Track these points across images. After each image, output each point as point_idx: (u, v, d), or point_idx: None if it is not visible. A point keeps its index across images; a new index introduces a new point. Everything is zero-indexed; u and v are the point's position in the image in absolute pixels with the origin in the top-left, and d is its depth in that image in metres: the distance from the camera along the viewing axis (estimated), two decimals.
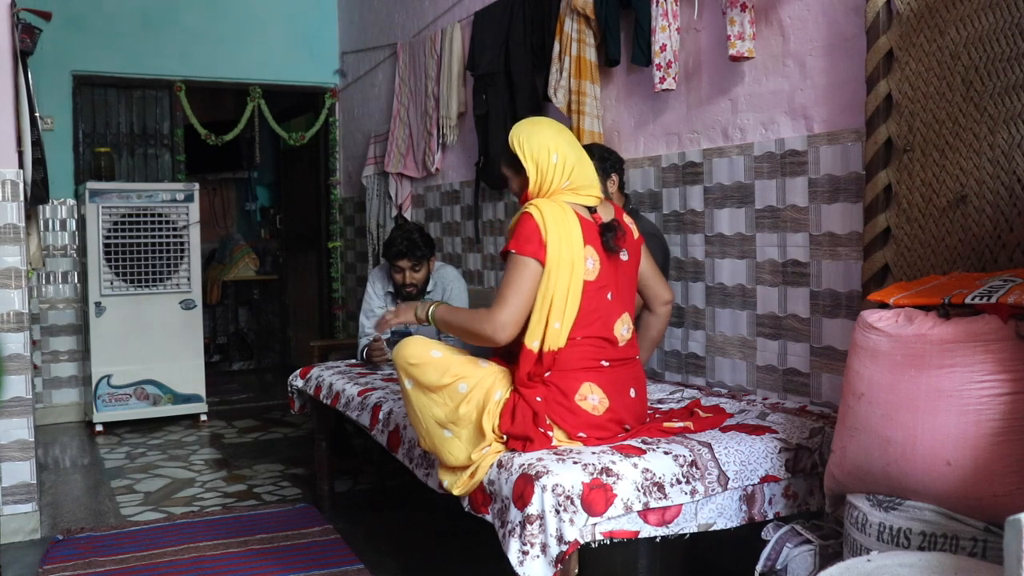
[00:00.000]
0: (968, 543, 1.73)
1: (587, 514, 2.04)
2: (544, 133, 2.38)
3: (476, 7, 4.44)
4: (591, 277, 2.27)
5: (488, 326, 2.23)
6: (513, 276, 2.23)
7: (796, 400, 2.77)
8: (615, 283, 2.34)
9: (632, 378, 2.38)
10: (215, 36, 6.14)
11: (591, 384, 2.28)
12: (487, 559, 2.53)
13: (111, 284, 5.36)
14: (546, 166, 2.33)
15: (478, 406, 2.25)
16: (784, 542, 2.12)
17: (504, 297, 2.23)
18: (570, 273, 2.23)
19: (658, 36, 3.09)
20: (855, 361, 1.95)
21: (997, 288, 1.77)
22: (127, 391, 5.39)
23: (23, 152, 3.51)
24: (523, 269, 2.22)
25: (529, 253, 2.22)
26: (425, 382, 2.29)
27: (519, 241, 2.24)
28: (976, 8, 2.08)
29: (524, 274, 2.22)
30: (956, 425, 1.75)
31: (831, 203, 2.64)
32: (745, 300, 2.98)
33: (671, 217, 3.30)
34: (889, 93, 2.32)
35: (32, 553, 3.29)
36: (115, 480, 4.29)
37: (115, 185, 5.44)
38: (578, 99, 3.51)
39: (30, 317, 3.52)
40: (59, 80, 5.68)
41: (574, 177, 2.34)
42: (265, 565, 3.09)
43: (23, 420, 3.45)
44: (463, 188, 4.80)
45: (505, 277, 2.25)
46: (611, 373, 2.32)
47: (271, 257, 8.12)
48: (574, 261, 2.23)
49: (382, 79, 5.76)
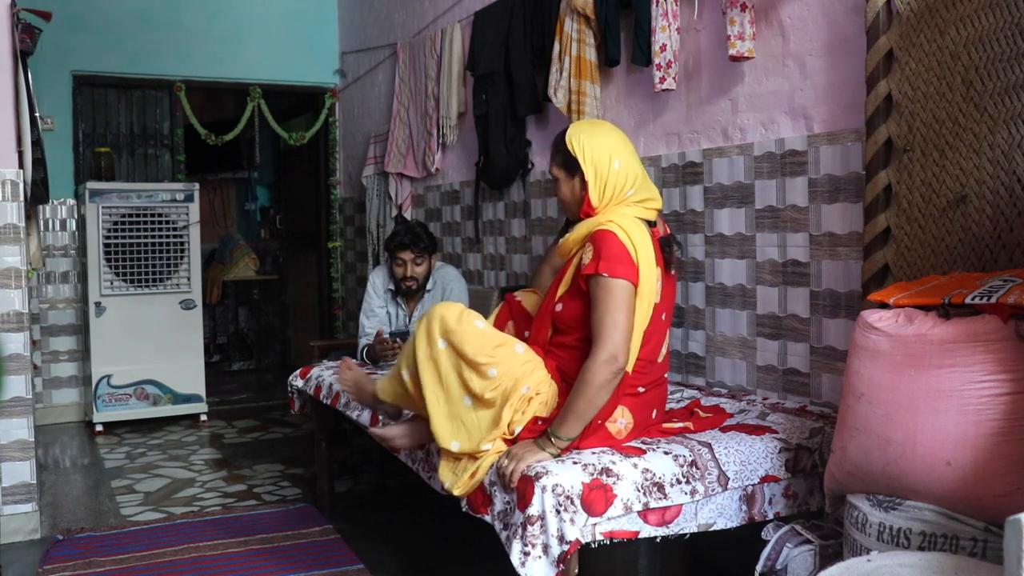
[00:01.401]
0: (968, 543, 1.73)
1: (587, 514, 2.04)
2: (607, 136, 2.30)
3: (476, 7, 4.44)
4: (658, 299, 2.23)
5: (604, 369, 2.09)
6: (608, 300, 2.11)
7: (796, 400, 2.77)
8: (670, 303, 2.30)
9: (658, 400, 2.36)
10: (215, 36, 6.14)
11: (623, 408, 2.25)
12: (487, 559, 2.53)
13: (111, 284, 5.36)
14: (606, 171, 2.25)
15: (504, 394, 2.18)
16: (784, 542, 2.12)
17: (605, 324, 2.11)
18: (649, 294, 2.18)
19: (658, 36, 3.09)
20: (855, 361, 1.95)
21: (997, 288, 1.77)
22: (127, 391, 5.39)
23: (23, 152, 3.51)
24: (621, 292, 2.12)
25: (622, 275, 2.12)
26: (463, 351, 2.20)
27: (610, 262, 2.12)
28: (976, 8, 2.08)
29: (621, 296, 2.12)
30: (956, 425, 1.75)
31: (831, 203, 2.64)
32: (745, 300, 2.98)
33: (671, 217, 3.29)
34: (889, 93, 2.32)
35: (32, 553, 3.29)
36: (115, 480, 4.29)
37: (115, 185, 5.44)
38: (578, 99, 3.51)
39: (30, 317, 3.52)
40: (59, 80, 5.68)
41: (639, 187, 2.26)
42: (265, 565, 3.09)
43: (23, 420, 3.45)
44: (463, 188, 4.80)
45: (601, 304, 2.12)
46: (644, 397, 2.30)
47: (271, 257, 8.12)
48: (652, 282, 2.18)
49: (382, 79, 5.76)
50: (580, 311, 2.25)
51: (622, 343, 2.11)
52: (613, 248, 2.15)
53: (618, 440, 2.25)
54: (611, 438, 2.24)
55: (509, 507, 2.10)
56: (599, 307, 2.13)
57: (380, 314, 3.93)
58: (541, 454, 2.12)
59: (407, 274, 3.74)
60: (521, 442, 2.19)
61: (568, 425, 2.13)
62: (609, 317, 2.11)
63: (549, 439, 2.14)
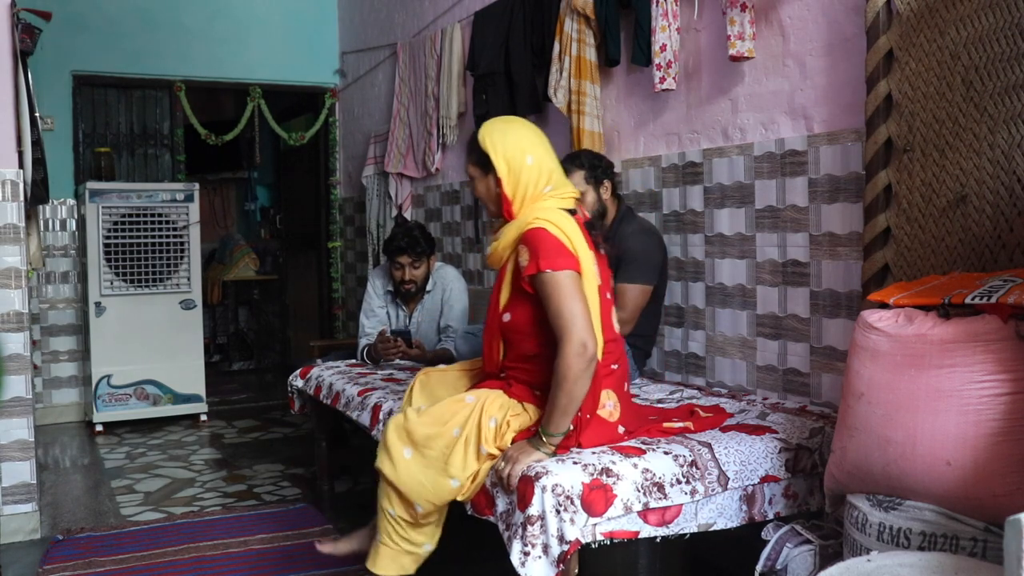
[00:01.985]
0: (968, 543, 1.73)
1: (587, 514, 2.04)
2: (519, 133, 2.32)
3: (476, 7, 4.44)
4: (599, 281, 2.28)
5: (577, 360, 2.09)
6: (559, 294, 2.12)
7: (796, 400, 2.77)
8: (607, 280, 2.36)
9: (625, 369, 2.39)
10: (215, 36, 6.14)
11: (608, 391, 2.27)
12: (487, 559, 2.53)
13: (111, 284, 5.36)
14: (519, 168, 2.27)
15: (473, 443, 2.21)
16: (784, 542, 2.12)
17: (566, 319, 2.11)
18: (592, 279, 2.23)
19: (658, 36, 3.09)
20: (855, 361, 1.95)
21: (997, 288, 1.77)
22: (127, 391, 5.39)
23: (23, 152, 3.51)
24: (570, 282, 2.14)
25: (565, 266, 2.15)
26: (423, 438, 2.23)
27: (550, 257, 2.14)
28: (976, 8, 2.08)
29: (574, 287, 2.14)
30: (956, 425, 1.75)
31: (831, 203, 2.64)
32: (745, 300, 2.98)
33: (671, 217, 3.29)
34: (889, 93, 2.32)
35: (32, 553, 3.29)
36: (115, 480, 4.29)
37: (115, 185, 5.44)
38: (578, 99, 3.51)
39: (30, 317, 3.52)
40: (59, 80, 5.68)
41: (555, 180, 2.30)
42: (265, 565, 3.09)
43: (23, 420, 3.45)
44: (463, 188, 4.80)
45: (555, 299, 2.13)
46: (618, 373, 2.33)
47: (271, 257, 8.12)
48: (593, 268, 2.24)
49: (382, 79, 5.75)
50: (530, 315, 2.24)
51: (587, 330, 2.11)
52: (549, 243, 2.16)
53: (612, 424, 2.26)
54: (605, 423, 2.25)
55: (510, 507, 2.10)
56: (553, 303, 2.13)
57: (380, 314, 3.93)
58: (536, 454, 2.13)
59: (405, 277, 3.75)
60: (516, 443, 2.20)
61: (555, 422, 2.13)
62: (566, 309, 2.11)
63: (541, 438, 2.15)
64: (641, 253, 2.98)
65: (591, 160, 3.09)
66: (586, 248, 2.23)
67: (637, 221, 3.12)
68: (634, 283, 2.96)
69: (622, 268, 2.94)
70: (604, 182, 3.08)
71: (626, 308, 2.92)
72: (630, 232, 3.03)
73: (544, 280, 2.15)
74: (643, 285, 2.98)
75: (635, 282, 2.96)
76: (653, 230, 3.16)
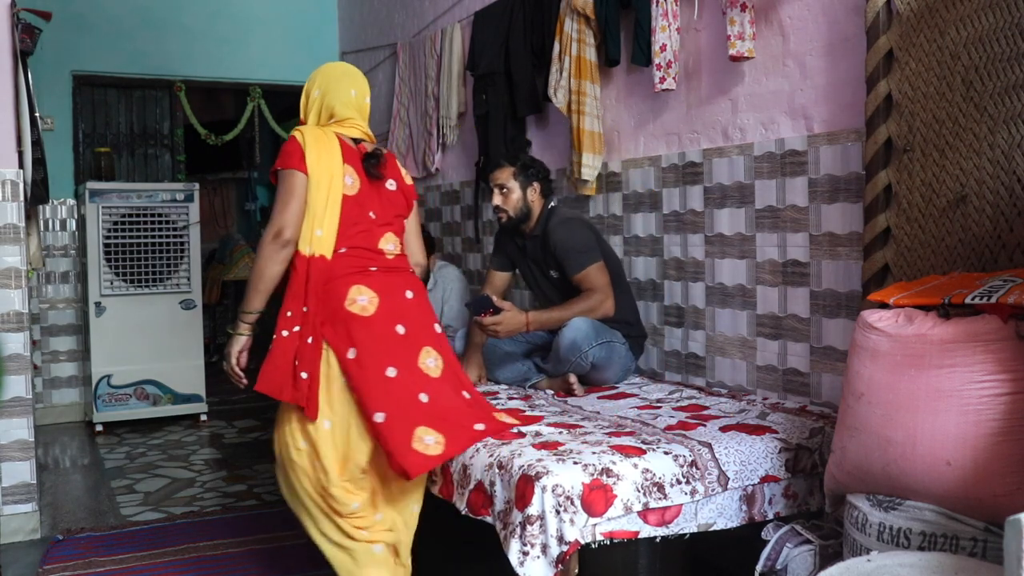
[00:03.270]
0: (968, 543, 1.73)
1: (587, 514, 2.04)
2: (327, 73, 2.64)
3: (476, 7, 4.44)
4: (350, 192, 2.47)
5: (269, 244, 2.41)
6: (282, 188, 2.44)
7: (796, 400, 2.77)
8: (379, 205, 2.53)
9: (407, 283, 2.52)
10: (215, 36, 6.13)
11: (359, 286, 2.41)
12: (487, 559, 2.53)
13: (111, 284, 5.36)
14: (306, 99, 2.63)
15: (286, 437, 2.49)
16: (784, 542, 2.12)
17: (276, 207, 2.44)
18: (329, 185, 2.43)
19: (658, 36, 3.09)
20: (855, 361, 1.95)
21: (997, 288, 1.77)
22: (127, 391, 5.38)
23: (23, 152, 3.51)
24: (289, 179, 2.42)
25: (292, 166, 2.42)
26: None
27: (283, 158, 2.45)
28: (976, 8, 2.08)
29: (291, 183, 2.42)
30: (956, 425, 1.75)
31: (831, 203, 2.64)
32: (745, 300, 2.98)
33: (671, 217, 3.30)
34: (889, 93, 2.32)
35: (32, 553, 3.29)
36: (115, 480, 4.29)
37: (115, 185, 5.44)
38: (578, 99, 3.51)
39: (30, 317, 3.52)
40: (59, 80, 5.67)
41: (338, 112, 2.57)
42: (265, 565, 3.09)
43: (23, 420, 3.45)
44: (463, 188, 4.80)
45: (277, 193, 2.47)
46: (382, 276, 2.46)
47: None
48: (332, 174, 2.44)
49: (382, 79, 5.75)
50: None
51: (287, 220, 2.40)
52: (288, 147, 2.47)
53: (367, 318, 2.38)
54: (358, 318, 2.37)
55: (508, 507, 2.10)
56: (276, 194, 2.47)
57: None
58: (235, 339, 2.51)
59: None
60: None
61: (248, 300, 2.48)
62: (279, 201, 2.44)
63: (238, 321, 2.50)
64: (569, 241, 3.12)
65: (525, 161, 3.26)
66: (331, 161, 2.45)
67: (557, 215, 3.22)
68: (584, 268, 3.09)
69: (564, 262, 3.12)
70: (533, 183, 3.23)
71: (597, 288, 3.07)
72: (552, 227, 3.18)
73: (277, 176, 2.48)
74: (591, 265, 3.10)
75: (584, 267, 3.10)
76: (573, 217, 3.26)
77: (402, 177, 2.63)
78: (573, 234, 3.13)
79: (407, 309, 2.45)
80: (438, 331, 2.51)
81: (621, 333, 3.12)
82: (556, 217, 3.20)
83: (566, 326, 2.99)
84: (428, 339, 2.45)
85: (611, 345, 3.03)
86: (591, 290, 3.07)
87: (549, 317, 3.03)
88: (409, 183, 2.66)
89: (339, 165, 2.45)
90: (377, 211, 2.51)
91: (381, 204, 2.53)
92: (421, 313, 2.49)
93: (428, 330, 2.48)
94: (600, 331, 3.01)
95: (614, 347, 3.05)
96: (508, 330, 2.95)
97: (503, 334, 2.97)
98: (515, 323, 2.95)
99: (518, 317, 2.95)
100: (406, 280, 2.51)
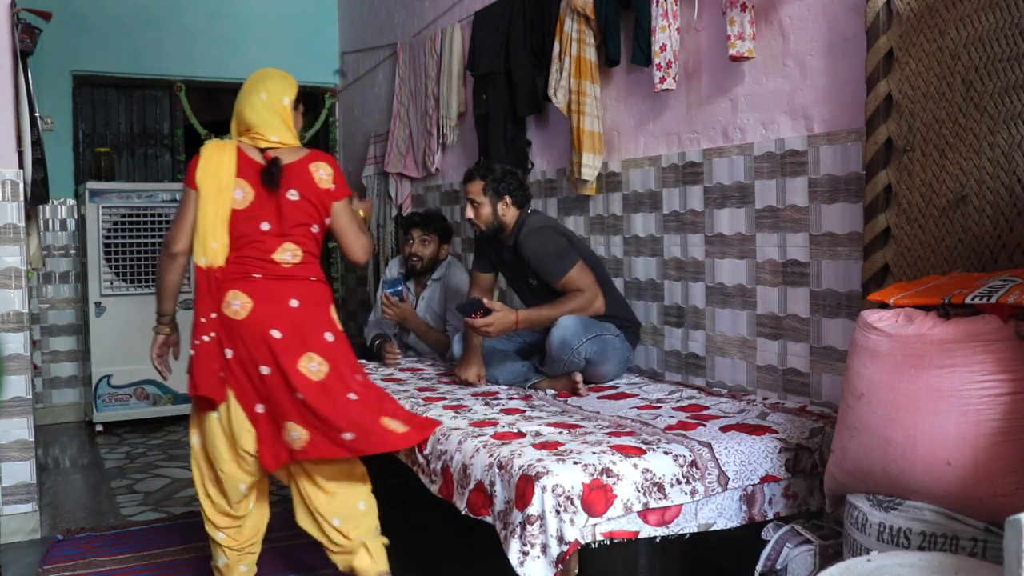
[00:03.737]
0: (968, 543, 1.73)
1: (587, 514, 2.04)
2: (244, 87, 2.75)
3: (476, 7, 4.44)
4: (240, 206, 2.56)
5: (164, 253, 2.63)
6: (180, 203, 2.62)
7: (796, 400, 2.77)
8: (275, 216, 2.58)
9: (295, 291, 2.56)
10: (215, 36, 6.13)
11: (236, 291, 2.53)
12: (487, 559, 2.53)
13: (111, 284, 5.36)
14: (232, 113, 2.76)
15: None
16: (784, 542, 2.12)
17: (174, 220, 2.62)
18: (217, 199, 2.54)
19: (658, 36, 3.09)
20: (855, 361, 1.95)
21: (997, 288, 1.77)
22: (127, 391, 5.39)
23: (23, 152, 3.51)
24: (184, 195, 2.60)
25: (186, 182, 2.59)
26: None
27: (185, 175, 2.62)
28: (976, 8, 2.08)
29: (184, 198, 2.59)
30: (956, 425, 1.75)
31: (831, 203, 2.64)
32: (745, 300, 2.98)
33: (671, 217, 3.30)
34: (889, 93, 2.32)
35: (32, 553, 3.29)
36: (115, 480, 4.29)
37: (115, 185, 5.44)
38: (578, 99, 3.51)
39: (30, 317, 3.52)
40: (59, 80, 5.68)
41: (246, 121, 2.67)
42: (265, 565, 3.08)
43: (23, 420, 3.45)
44: (463, 188, 4.79)
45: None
46: (264, 283, 2.55)
47: None
48: (221, 188, 2.55)
49: (382, 79, 5.75)
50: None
51: (175, 232, 2.58)
52: (189, 163, 2.62)
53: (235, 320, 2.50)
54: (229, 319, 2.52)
55: (508, 507, 2.10)
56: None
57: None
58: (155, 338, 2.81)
59: (413, 251, 4.05)
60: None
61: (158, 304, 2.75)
62: (175, 216, 2.63)
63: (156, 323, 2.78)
64: (542, 251, 3.14)
65: (496, 175, 3.25)
66: (221, 174, 2.56)
67: (528, 225, 3.22)
68: (565, 272, 3.10)
69: (542, 271, 3.14)
70: (504, 197, 3.23)
71: (584, 287, 3.08)
72: (523, 239, 3.19)
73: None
74: (572, 268, 3.11)
75: (565, 271, 3.11)
76: (543, 226, 3.23)
77: (312, 184, 2.60)
78: (545, 243, 3.14)
79: (287, 316, 2.52)
80: (328, 339, 2.56)
81: (615, 324, 3.13)
82: (527, 228, 3.21)
83: (555, 326, 2.99)
84: (313, 346, 2.51)
85: (603, 338, 3.04)
86: (579, 290, 3.07)
87: (539, 315, 3.06)
88: (324, 188, 2.62)
89: (230, 179, 2.56)
90: (273, 222, 2.57)
91: (279, 215, 2.58)
92: (306, 320, 2.54)
93: (314, 337, 2.53)
94: (589, 326, 3.02)
95: (606, 340, 3.06)
96: (499, 329, 3.00)
97: (495, 333, 3.02)
98: (505, 322, 2.99)
99: (508, 316, 3.00)
100: (295, 288, 2.57)
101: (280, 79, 2.74)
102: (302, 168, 2.61)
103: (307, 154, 2.65)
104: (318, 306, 2.60)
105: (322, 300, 2.63)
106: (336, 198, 2.67)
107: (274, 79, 2.73)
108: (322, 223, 2.65)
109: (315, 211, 2.62)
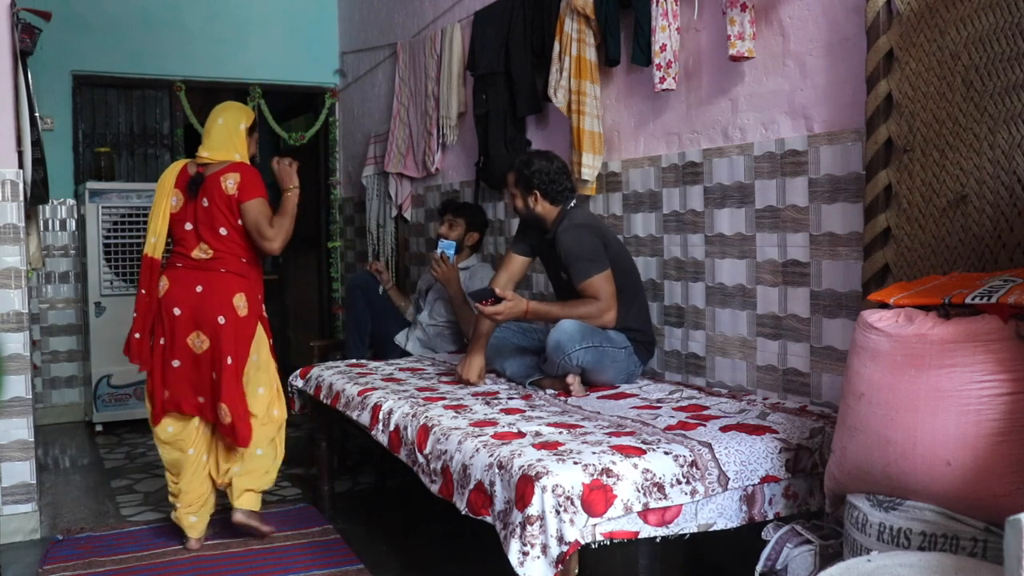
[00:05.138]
0: (968, 543, 1.73)
1: (587, 515, 2.04)
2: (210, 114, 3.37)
3: (476, 7, 4.44)
4: (174, 210, 3.26)
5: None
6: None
7: (796, 400, 2.77)
8: (195, 219, 3.23)
9: (203, 280, 3.21)
10: (215, 36, 6.13)
11: (163, 276, 3.24)
12: (487, 559, 2.54)
13: (111, 284, 5.36)
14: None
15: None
16: (784, 542, 2.12)
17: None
18: (161, 203, 3.25)
19: (658, 36, 3.09)
20: (855, 361, 1.95)
21: (997, 288, 1.77)
22: (127, 391, 5.39)
23: (23, 152, 3.51)
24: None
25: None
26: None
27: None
28: (976, 8, 2.08)
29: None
30: (956, 425, 1.75)
31: (831, 203, 2.64)
32: (745, 300, 2.98)
33: (671, 217, 3.30)
34: (889, 93, 2.32)
35: (32, 553, 3.29)
36: (115, 480, 4.29)
37: (115, 185, 5.44)
38: (578, 99, 3.51)
39: (30, 317, 3.52)
40: (59, 80, 5.68)
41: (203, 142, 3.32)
42: (265, 565, 3.09)
43: (23, 420, 3.45)
44: (463, 188, 4.80)
45: None
46: (183, 271, 3.23)
47: (271, 257, 8.09)
48: (164, 195, 3.26)
49: (382, 79, 5.76)
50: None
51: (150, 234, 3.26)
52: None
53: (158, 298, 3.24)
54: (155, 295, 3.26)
55: (508, 507, 2.10)
56: None
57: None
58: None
59: (440, 231, 4.24)
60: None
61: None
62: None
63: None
64: (574, 249, 3.08)
65: (524, 171, 3.22)
66: (168, 187, 3.27)
67: (568, 219, 3.17)
68: (588, 277, 3.05)
69: (570, 269, 3.11)
70: (534, 192, 3.20)
71: (601, 298, 3.04)
72: (560, 233, 3.14)
73: None
74: (596, 275, 3.05)
75: (588, 276, 3.05)
76: (583, 223, 3.17)
77: (220, 192, 3.19)
78: (579, 242, 3.09)
79: (190, 298, 3.18)
80: (220, 322, 3.18)
81: (626, 336, 3.11)
82: (567, 221, 3.16)
83: (555, 327, 2.98)
84: (203, 326, 3.19)
85: (601, 349, 2.99)
86: (595, 298, 3.03)
87: (548, 311, 3.07)
88: (229, 194, 3.20)
89: (170, 189, 3.26)
90: (193, 224, 3.24)
91: (197, 218, 3.23)
92: (205, 303, 3.18)
93: (207, 318, 3.18)
94: (588, 334, 2.97)
95: (605, 351, 3.01)
96: (508, 316, 3.02)
97: (503, 320, 3.06)
98: (515, 311, 3.00)
99: (519, 305, 3.01)
100: (204, 277, 3.21)
101: (238, 110, 3.37)
102: (215, 179, 3.21)
103: (226, 166, 3.23)
104: (219, 292, 3.20)
105: (226, 288, 3.22)
106: (241, 201, 3.21)
107: (232, 109, 3.37)
108: (231, 224, 3.22)
109: (221, 215, 3.21)
